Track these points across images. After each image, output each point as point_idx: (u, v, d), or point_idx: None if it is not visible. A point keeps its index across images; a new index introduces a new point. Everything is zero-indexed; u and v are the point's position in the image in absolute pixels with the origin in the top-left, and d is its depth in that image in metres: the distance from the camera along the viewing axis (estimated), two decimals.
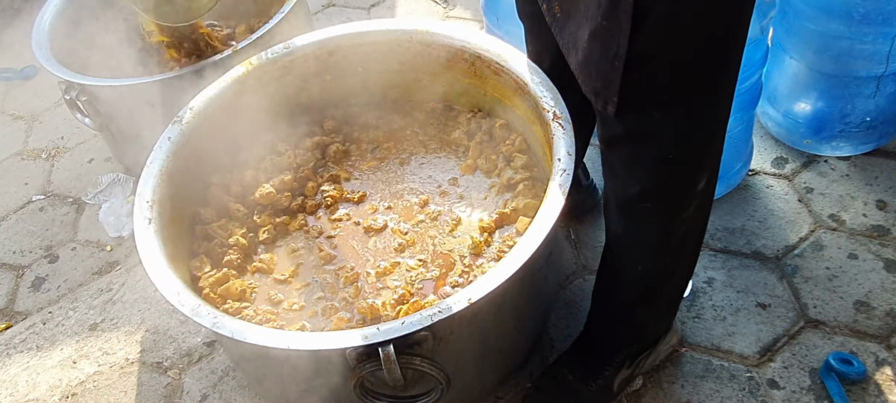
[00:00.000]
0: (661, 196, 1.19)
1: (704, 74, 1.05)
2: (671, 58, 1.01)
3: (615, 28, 0.97)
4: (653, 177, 1.16)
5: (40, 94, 2.74)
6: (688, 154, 1.13)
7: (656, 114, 1.07)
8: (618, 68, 1.00)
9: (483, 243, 1.49)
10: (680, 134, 1.10)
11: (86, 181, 2.30)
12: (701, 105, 1.09)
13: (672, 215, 1.21)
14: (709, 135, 1.14)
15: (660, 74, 1.03)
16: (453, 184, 1.64)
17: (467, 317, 1.20)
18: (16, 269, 2.07)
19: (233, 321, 1.22)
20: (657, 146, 1.12)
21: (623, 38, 0.97)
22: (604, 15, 0.98)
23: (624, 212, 1.26)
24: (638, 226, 1.26)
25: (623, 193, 1.22)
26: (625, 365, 1.43)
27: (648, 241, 1.27)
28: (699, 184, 1.18)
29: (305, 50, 1.74)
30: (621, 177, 1.19)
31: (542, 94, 1.46)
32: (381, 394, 1.25)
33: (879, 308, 1.57)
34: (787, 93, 1.88)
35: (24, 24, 3.08)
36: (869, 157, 1.88)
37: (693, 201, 1.20)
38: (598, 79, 1.05)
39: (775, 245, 1.72)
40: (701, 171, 1.17)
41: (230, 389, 1.63)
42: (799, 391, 1.47)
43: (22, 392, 1.72)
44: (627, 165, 1.17)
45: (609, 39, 0.99)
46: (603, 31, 0.99)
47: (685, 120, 1.09)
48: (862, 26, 1.63)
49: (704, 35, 1.00)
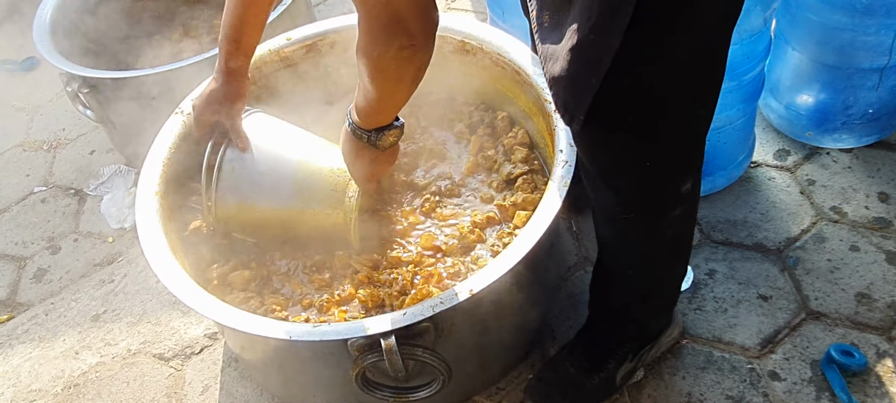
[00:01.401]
0: (645, 205, 1.17)
1: (682, 102, 1.04)
2: (651, 80, 1.00)
3: (603, 44, 0.95)
4: (632, 187, 1.14)
5: (42, 86, 2.74)
6: (667, 165, 1.11)
7: (629, 134, 1.06)
8: (594, 86, 0.98)
9: (476, 239, 1.49)
10: (656, 149, 1.08)
11: (87, 173, 2.31)
12: (676, 126, 1.07)
13: (658, 221, 1.20)
14: (691, 139, 1.12)
15: (636, 96, 1.01)
16: (453, 177, 1.64)
17: (469, 308, 1.20)
18: (18, 260, 2.07)
19: (235, 311, 1.23)
20: (633, 160, 1.10)
21: (607, 56, 0.95)
22: (592, 29, 0.95)
23: (609, 222, 1.25)
24: (624, 234, 1.24)
25: (605, 204, 1.20)
26: (628, 358, 1.43)
27: (637, 249, 1.26)
28: (683, 186, 1.16)
29: (306, 41, 1.74)
30: (601, 188, 1.18)
31: (544, 86, 1.45)
32: (382, 385, 1.26)
33: (881, 300, 1.57)
34: (789, 84, 1.88)
35: (25, 15, 3.08)
36: (871, 149, 1.88)
37: (679, 205, 1.19)
38: (570, 92, 1.02)
39: (777, 237, 1.72)
40: (684, 176, 1.15)
41: (232, 380, 1.64)
42: (800, 382, 1.47)
43: (24, 382, 1.72)
44: (606, 177, 1.15)
45: (592, 55, 0.97)
46: (588, 46, 0.97)
47: (659, 140, 1.07)
48: (865, 18, 1.63)
49: (693, 65, 1.00)
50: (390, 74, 1.06)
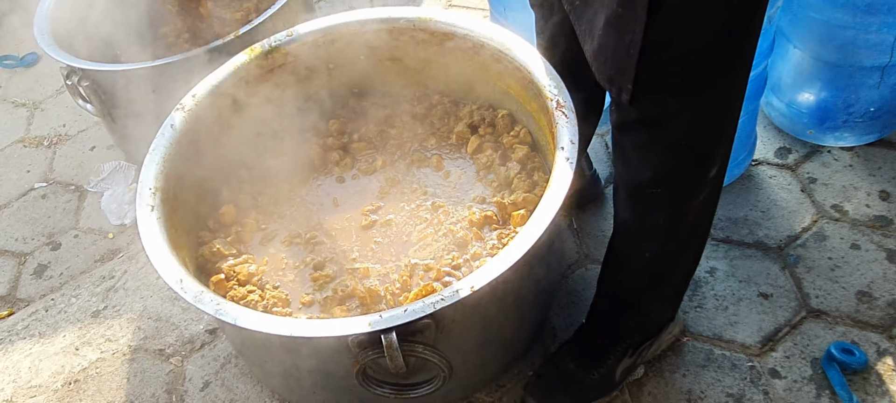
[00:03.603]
0: (673, 182, 1.19)
1: (719, 64, 1.05)
2: (686, 47, 1.02)
3: (631, 15, 0.98)
4: (665, 162, 1.16)
5: (42, 82, 2.74)
6: (701, 140, 1.13)
7: (671, 101, 1.07)
8: (633, 56, 1.01)
9: (473, 237, 1.48)
10: (693, 121, 1.10)
11: (88, 169, 2.30)
12: (715, 93, 1.09)
13: (682, 202, 1.21)
14: (722, 122, 1.14)
15: (674, 63, 1.03)
16: (452, 177, 1.64)
17: (470, 305, 1.20)
18: (18, 256, 2.07)
19: (235, 308, 1.22)
20: (670, 132, 1.12)
21: (638, 26, 0.98)
22: (620, 2, 0.98)
23: (634, 198, 1.25)
24: (647, 212, 1.25)
25: (634, 178, 1.22)
26: (627, 354, 1.43)
27: (657, 228, 1.26)
28: (711, 171, 1.18)
29: (307, 38, 1.74)
30: (633, 162, 1.19)
31: (546, 83, 1.45)
32: (383, 382, 1.26)
33: (881, 298, 1.57)
34: (790, 83, 1.88)
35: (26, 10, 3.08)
36: (872, 148, 1.87)
37: (704, 189, 1.20)
38: (613, 66, 1.05)
39: (778, 235, 1.72)
40: (713, 159, 1.17)
41: (232, 376, 1.64)
42: (800, 380, 1.47)
43: (24, 378, 1.72)
44: (640, 150, 1.17)
45: (624, 27, 1.00)
46: (618, 19, 1.00)
47: (699, 107, 1.09)
48: (867, 16, 1.62)
49: (719, 25, 1.00)
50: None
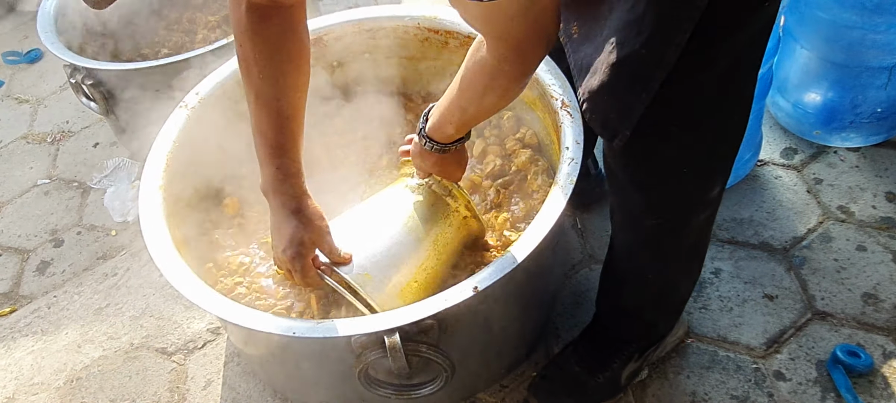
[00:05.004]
0: (673, 211, 1.15)
1: (728, 108, 1.04)
2: (697, 94, 0.99)
3: (654, 60, 0.92)
4: (662, 190, 1.12)
5: (46, 78, 2.74)
6: (701, 165, 1.09)
7: (671, 128, 1.03)
8: (643, 101, 0.95)
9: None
10: (694, 147, 1.06)
11: (91, 165, 2.30)
12: (719, 120, 1.05)
13: (682, 226, 1.18)
14: (725, 145, 1.10)
15: (682, 108, 1.00)
16: None
17: (473, 306, 1.19)
18: (21, 253, 2.07)
19: (238, 307, 1.22)
20: (668, 160, 1.08)
21: (661, 72, 0.92)
22: (646, 44, 0.91)
23: (631, 227, 1.22)
24: (646, 240, 1.22)
25: (630, 206, 1.18)
26: (633, 358, 1.43)
27: (658, 254, 1.24)
28: (712, 192, 1.14)
29: (311, 35, 1.72)
30: (631, 195, 1.15)
31: (550, 82, 1.44)
32: (385, 382, 1.25)
33: (887, 300, 1.56)
34: (797, 83, 1.87)
35: (30, 6, 3.08)
36: (879, 149, 1.86)
37: (706, 209, 1.17)
38: (614, 109, 0.99)
39: (783, 236, 1.71)
40: (714, 180, 1.14)
41: (235, 375, 1.63)
42: (805, 383, 1.46)
43: (27, 375, 1.72)
44: (634, 180, 1.12)
45: (641, 70, 0.94)
46: (637, 60, 0.93)
47: (700, 135, 1.05)
48: (874, 16, 1.61)
49: (735, 74, 0.99)
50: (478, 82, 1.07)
